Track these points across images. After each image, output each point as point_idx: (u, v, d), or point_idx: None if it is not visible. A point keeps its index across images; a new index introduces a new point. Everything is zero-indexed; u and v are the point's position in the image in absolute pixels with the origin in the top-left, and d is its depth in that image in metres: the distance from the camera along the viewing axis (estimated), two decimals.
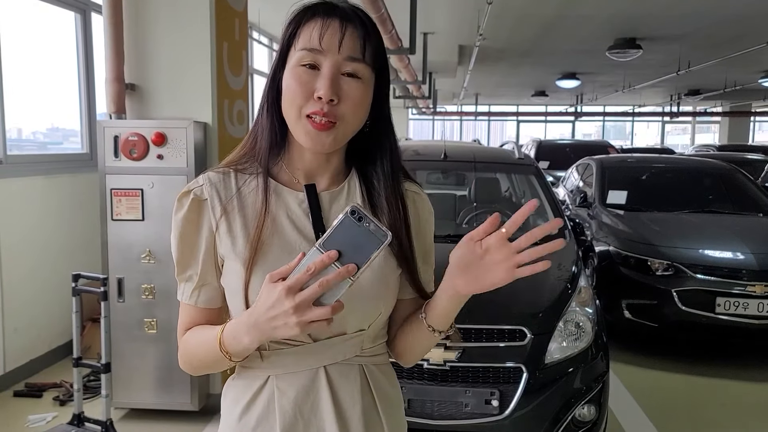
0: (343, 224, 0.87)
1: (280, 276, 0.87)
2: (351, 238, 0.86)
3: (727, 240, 4.56)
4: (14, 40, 3.99)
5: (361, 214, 0.86)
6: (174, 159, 3.14)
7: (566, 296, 2.85)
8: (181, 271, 1.05)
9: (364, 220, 0.86)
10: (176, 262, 1.05)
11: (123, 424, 3.24)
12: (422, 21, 7.24)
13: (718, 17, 7.98)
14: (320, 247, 0.87)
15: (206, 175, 1.06)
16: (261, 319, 0.88)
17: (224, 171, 1.06)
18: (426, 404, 2.56)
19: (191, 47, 3.22)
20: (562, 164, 9.08)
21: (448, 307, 1.00)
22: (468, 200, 4.19)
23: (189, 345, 1.06)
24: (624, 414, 3.54)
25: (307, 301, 0.84)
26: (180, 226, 1.03)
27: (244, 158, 1.07)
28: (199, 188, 1.04)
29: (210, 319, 1.07)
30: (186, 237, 1.04)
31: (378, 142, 1.08)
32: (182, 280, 1.06)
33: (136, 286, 3.20)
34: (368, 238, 0.86)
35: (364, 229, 0.86)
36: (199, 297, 1.05)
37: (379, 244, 0.86)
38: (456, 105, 24.22)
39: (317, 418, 1.01)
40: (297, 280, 0.85)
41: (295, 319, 0.85)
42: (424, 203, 1.14)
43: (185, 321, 1.08)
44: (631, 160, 6.97)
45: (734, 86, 15.45)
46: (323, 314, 0.84)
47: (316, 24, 0.98)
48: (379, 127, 1.07)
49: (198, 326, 1.06)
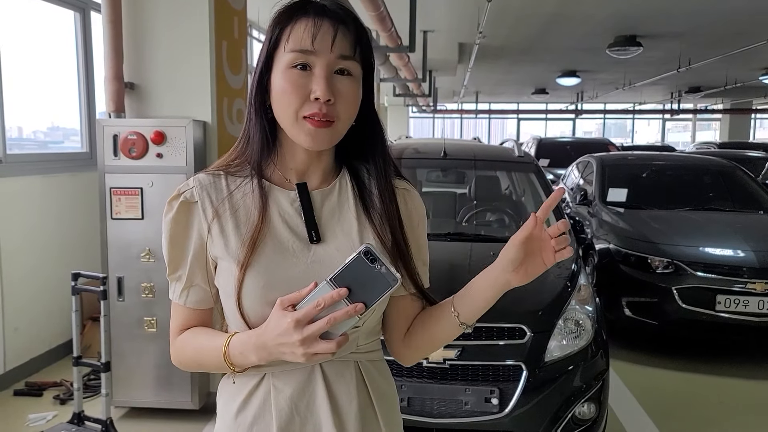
0: (356, 262, 0.90)
1: (291, 303, 0.91)
2: (362, 277, 0.89)
3: (727, 237, 4.56)
4: (14, 39, 3.99)
5: (374, 255, 0.90)
6: (173, 158, 3.14)
7: (566, 294, 2.85)
8: (171, 271, 1.07)
9: (376, 262, 0.89)
10: (167, 262, 1.07)
11: (123, 422, 3.24)
12: (422, 19, 7.23)
13: (718, 14, 7.97)
14: (332, 282, 0.89)
15: (197, 177, 1.06)
16: (270, 343, 0.92)
17: (215, 173, 1.07)
18: (426, 402, 2.56)
19: (190, 46, 3.22)
20: (562, 162, 9.08)
21: (490, 300, 1.02)
22: (468, 198, 4.18)
23: (187, 348, 1.07)
24: (624, 412, 3.54)
25: (314, 335, 0.88)
26: (170, 228, 1.04)
27: (236, 161, 1.07)
28: (189, 191, 1.04)
29: (202, 319, 1.08)
30: (175, 239, 1.04)
31: (367, 139, 1.08)
32: (173, 279, 1.07)
33: (136, 285, 3.21)
34: (378, 280, 0.89)
35: (376, 271, 0.89)
36: (188, 297, 1.07)
37: (389, 287, 0.90)
38: (456, 103, 24.21)
39: (313, 415, 1.02)
40: (306, 314, 0.88)
41: (302, 350, 0.89)
42: (414, 200, 1.14)
43: (178, 321, 1.09)
44: (631, 158, 6.96)
45: (735, 83, 15.44)
46: (329, 349, 0.89)
47: (307, 25, 0.97)
48: (367, 124, 1.07)
49: (195, 329, 1.08)
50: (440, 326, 1.07)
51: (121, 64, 3.22)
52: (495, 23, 8.09)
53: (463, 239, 3.45)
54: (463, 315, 1.04)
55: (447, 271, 2.95)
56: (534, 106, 24.27)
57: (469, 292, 1.04)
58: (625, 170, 6.09)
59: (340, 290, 0.88)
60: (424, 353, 1.15)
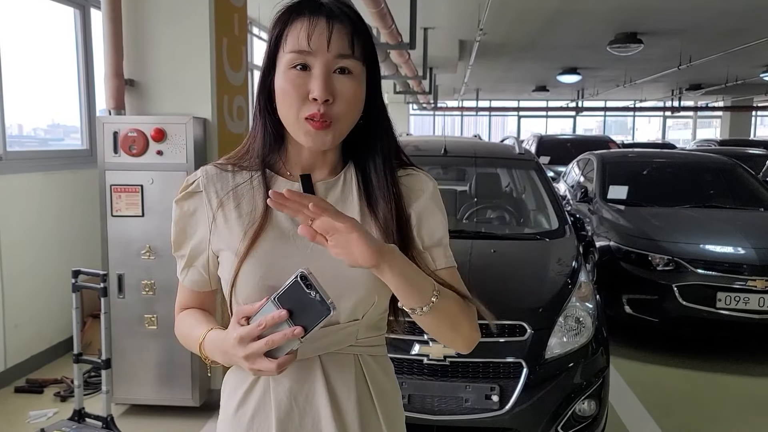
0: (294, 286, 0.89)
1: (245, 315, 0.93)
2: (301, 301, 0.89)
3: (727, 235, 4.56)
4: (14, 36, 3.98)
5: (309, 281, 0.89)
6: (173, 155, 3.14)
7: (566, 291, 2.85)
8: (175, 249, 1.12)
9: (311, 289, 0.89)
10: (172, 241, 1.12)
11: (124, 419, 3.25)
12: (422, 16, 7.22)
13: (719, 11, 7.95)
14: (274, 302, 0.90)
15: (204, 168, 1.10)
16: (228, 351, 0.95)
17: (222, 166, 1.09)
18: (426, 399, 2.56)
19: (190, 43, 3.22)
20: (563, 159, 9.08)
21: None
22: (468, 195, 4.18)
23: (179, 329, 1.14)
24: (624, 409, 3.54)
25: (256, 353, 0.91)
26: (177, 212, 1.10)
27: (244, 157, 1.09)
28: (196, 181, 1.08)
29: (201, 301, 1.14)
30: (180, 223, 1.10)
31: (372, 133, 1.08)
32: (177, 257, 1.13)
33: (136, 282, 3.20)
34: (315, 306, 0.89)
35: (312, 298, 0.89)
36: (186, 276, 1.12)
37: (324, 315, 0.89)
38: (457, 100, 24.19)
39: (312, 408, 1.02)
40: (249, 333, 0.90)
41: (247, 365, 0.92)
42: (420, 181, 1.10)
43: (181, 299, 1.16)
44: (631, 155, 6.96)
45: (735, 81, 15.43)
46: (269, 368, 0.91)
47: (303, 24, 0.97)
48: (373, 119, 1.07)
49: (190, 312, 1.14)
50: None
51: (121, 61, 3.22)
52: (496, 20, 8.08)
53: (464, 236, 3.44)
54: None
55: None
56: (535, 103, 24.26)
57: None
58: (626, 167, 6.08)
59: (280, 312, 0.89)
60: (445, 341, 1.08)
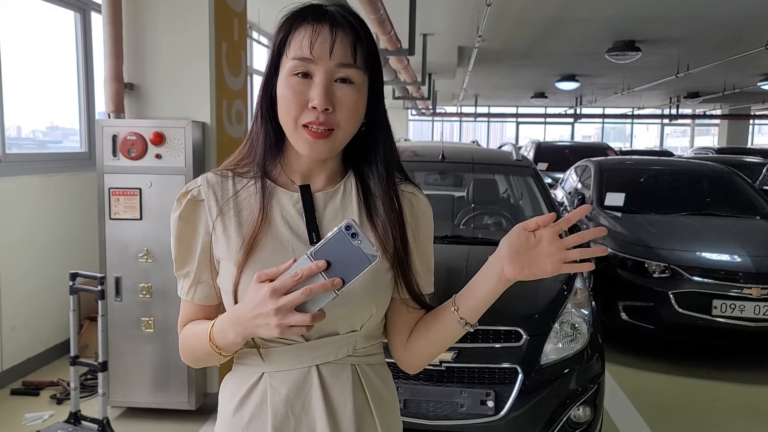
0: (337, 237, 0.88)
1: (268, 277, 0.89)
2: (342, 253, 0.88)
3: (724, 243, 4.57)
4: (14, 39, 3.99)
5: (355, 230, 0.88)
6: (172, 158, 3.15)
7: (562, 298, 2.86)
8: (178, 267, 1.09)
9: (357, 237, 0.88)
10: (174, 259, 1.08)
11: (120, 422, 3.25)
12: (421, 22, 7.24)
13: (717, 20, 7.99)
14: (311, 255, 0.88)
15: (205, 176, 1.08)
16: (245, 316, 0.90)
17: (223, 173, 1.08)
18: (422, 404, 2.57)
19: (190, 47, 3.23)
20: (560, 166, 9.11)
21: (488, 294, 1.00)
22: (466, 201, 4.19)
23: (186, 338, 1.10)
24: (619, 415, 3.55)
25: (288, 305, 0.86)
26: (177, 225, 1.06)
27: (243, 162, 1.08)
28: (196, 189, 1.06)
29: (207, 314, 1.10)
30: (182, 236, 1.06)
31: (374, 142, 1.08)
32: (180, 276, 1.09)
33: (134, 285, 3.21)
34: (358, 256, 0.88)
35: (356, 247, 0.88)
36: (195, 293, 1.09)
37: (367, 263, 0.88)
38: (455, 106, 24.22)
39: (308, 416, 1.02)
40: (283, 284, 0.87)
41: (275, 321, 0.87)
42: (421, 205, 1.12)
43: (184, 315, 1.12)
44: (629, 163, 6.98)
45: (733, 89, 15.47)
46: (303, 320, 0.87)
47: (306, 31, 0.97)
48: (374, 128, 1.07)
49: (195, 321, 1.10)
50: (442, 325, 1.06)
51: (121, 65, 3.23)
52: (494, 27, 8.11)
53: (461, 242, 3.46)
54: (462, 309, 1.02)
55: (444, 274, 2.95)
56: (533, 109, 24.28)
57: (469, 285, 1.03)
58: (623, 175, 6.10)
59: (318, 262, 0.87)
60: (426, 359, 1.12)
